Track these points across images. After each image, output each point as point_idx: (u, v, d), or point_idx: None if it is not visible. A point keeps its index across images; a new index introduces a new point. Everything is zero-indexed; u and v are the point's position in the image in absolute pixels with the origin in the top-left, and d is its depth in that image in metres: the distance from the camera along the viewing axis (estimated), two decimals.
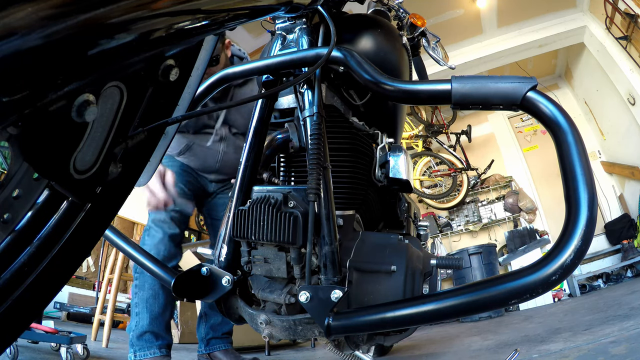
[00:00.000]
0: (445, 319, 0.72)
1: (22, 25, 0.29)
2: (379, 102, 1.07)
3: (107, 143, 0.47)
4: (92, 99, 0.40)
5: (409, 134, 5.52)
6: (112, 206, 0.55)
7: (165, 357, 1.61)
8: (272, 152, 1.01)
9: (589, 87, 5.31)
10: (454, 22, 4.48)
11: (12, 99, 0.32)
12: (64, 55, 0.34)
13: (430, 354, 2.17)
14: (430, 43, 1.27)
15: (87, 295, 4.33)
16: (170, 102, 0.61)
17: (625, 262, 4.31)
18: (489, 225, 5.62)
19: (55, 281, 0.49)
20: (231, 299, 0.95)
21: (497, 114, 6.04)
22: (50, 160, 0.41)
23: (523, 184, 5.69)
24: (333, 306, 0.77)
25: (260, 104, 0.96)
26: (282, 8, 0.76)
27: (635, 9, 3.73)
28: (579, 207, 0.62)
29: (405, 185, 1.01)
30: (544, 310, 3.64)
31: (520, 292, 0.64)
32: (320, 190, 0.80)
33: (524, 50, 4.87)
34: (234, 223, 0.87)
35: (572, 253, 0.61)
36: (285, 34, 0.99)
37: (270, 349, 2.85)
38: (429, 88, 0.78)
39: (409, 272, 0.81)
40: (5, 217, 0.41)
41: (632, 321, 1.79)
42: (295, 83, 0.87)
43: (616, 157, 5.09)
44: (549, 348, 1.67)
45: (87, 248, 0.53)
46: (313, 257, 0.83)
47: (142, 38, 0.42)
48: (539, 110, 0.69)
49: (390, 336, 0.94)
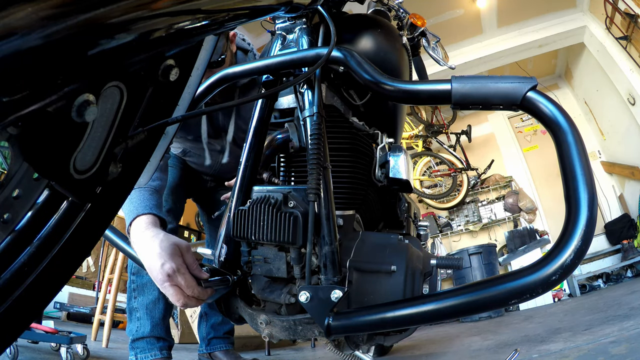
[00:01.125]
0: (445, 319, 0.72)
1: (22, 25, 0.29)
2: (379, 102, 1.07)
3: (107, 143, 0.47)
4: (92, 99, 0.40)
5: (409, 134, 5.52)
6: (112, 206, 0.55)
7: (167, 359, 1.61)
8: (272, 152, 1.01)
9: (589, 87, 5.31)
10: (454, 22, 4.49)
11: (12, 99, 0.32)
12: (64, 55, 0.34)
13: (430, 354, 2.17)
14: (430, 43, 1.27)
15: (87, 295, 4.34)
16: (170, 102, 0.61)
17: (625, 262, 4.31)
18: (489, 225, 5.62)
19: (55, 281, 0.49)
20: (231, 299, 0.95)
21: (497, 114, 6.04)
22: (50, 160, 0.41)
23: (523, 184, 5.69)
24: (333, 306, 0.77)
25: (260, 104, 0.96)
26: (282, 8, 0.76)
27: (635, 9, 3.73)
28: (579, 207, 0.62)
29: (405, 185, 1.01)
30: (544, 310, 3.64)
31: (520, 292, 0.64)
32: (320, 190, 0.80)
33: (524, 50, 4.88)
34: (234, 223, 0.87)
35: (572, 253, 0.61)
36: (285, 34, 0.99)
37: (270, 348, 2.86)
38: (429, 88, 0.78)
39: (409, 272, 0.81)
40: (5, 217, 0.41)
41: (632, 321, 1.79)
42: (295, 83, 0.87)
43: (616, 157, 5.09)
44: (549, 348, 1.67)
45: (87, 248, 0.53)
46: (313, 257, 0.83)
47: (142, 38, 0.42)
48: (539, 110, 0.69)
49: (390, 336, 0.94)
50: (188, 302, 0.82)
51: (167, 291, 0.82)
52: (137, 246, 0.92)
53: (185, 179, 1.77)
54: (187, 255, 0.86)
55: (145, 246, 0.88)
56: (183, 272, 0.82)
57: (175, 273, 0.81)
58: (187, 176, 1.79)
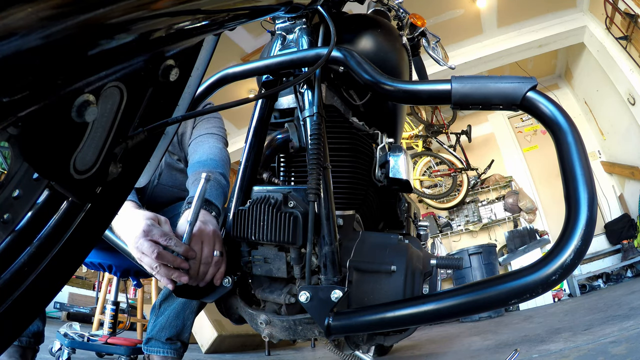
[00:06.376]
0: (445, 319, 0.72)
1: (22, 25, 0.29)
2: (379, 102, 1.07)
3: (107, 143, 0.47)
4: (92, 99, 0.40)
5: (409, 134, 5.52)
6: (112, 206, 0.55)
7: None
8: (272, 152, 1.01)
9: (589, 87, 5.31)
10: (454, 22, 4.48)
11: (12, 99, 0.32)
12: (64, 55, 0.34)
13: (430, 354, 2.17)
14: (430, 43, 1.27)
15: (87, 295, 4.34)
16: (170, 102, 0.61)
17: (625, 262, 4.31)
18: (489, 225, 5.62)
19: (55, 281, 0.49)
20: (231, 299, 0.95)
21: (497, 114, 6.04)
22: (50, 160, 0.41)
23: (523, 184, 5.69)
24: (333, 306, 0.77)
25: (260, 104, 0.96)
26: (282, 8, 0.76)
27: (635, 9, 3.73)
28: (578, 207, 0.63)
29: (405, 185, 1.01)
30: (544, 310, 3.64)
31: (520, 292, 0.64)
32: (320, 190, 0.80)
33: (524, 50, 4.87)
34: (234, 223, 0.87)
35: (572, 253, 0.62)
36: (285, 34, 0.99)
37: (270, 348, 2.86)
38: (429, 88, 0.78)
39: (409, 272, 0.81)
40: (5, 217, 0.41)
41: (632, 321, 1.79)
42: (295, 83, 0.87)
43: (616, 157, 5.09)
44: (549, 348, 1.67)
45: (87, 248, 0.53)
46: (313, 257, 0.83)
47: (142, 38, 0.42)
48: (539, 110, 0.69)
49: (390, 336, 0.94)
50: (164, 255, 0.82)
51: (143, 246, 0.83)
52: (120, 218, 0.92)
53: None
54: (164, 225, 0.91)
55: (128, 217, 0.91)
56: (158, 227, 0.86)
57: (150, 227, 0.85)
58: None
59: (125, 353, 1.97)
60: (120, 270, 1.56)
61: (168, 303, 1.46)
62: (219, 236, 0.91)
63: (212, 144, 1.40)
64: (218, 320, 2.86)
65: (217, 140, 1.43)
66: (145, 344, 1.45)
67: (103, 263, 1.54)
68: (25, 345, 1.39)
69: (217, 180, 1.17)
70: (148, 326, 1.48)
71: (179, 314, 1.44)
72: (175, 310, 1.44)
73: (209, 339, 2.83)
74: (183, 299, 1.43)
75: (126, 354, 1.97)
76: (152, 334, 1.44)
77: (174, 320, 1.44)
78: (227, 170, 1.31)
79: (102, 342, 2.04)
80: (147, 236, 0.84)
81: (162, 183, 1.50)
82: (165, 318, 1.44)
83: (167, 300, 1.46)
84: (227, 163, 1.36)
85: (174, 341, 1.44)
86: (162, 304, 1.47)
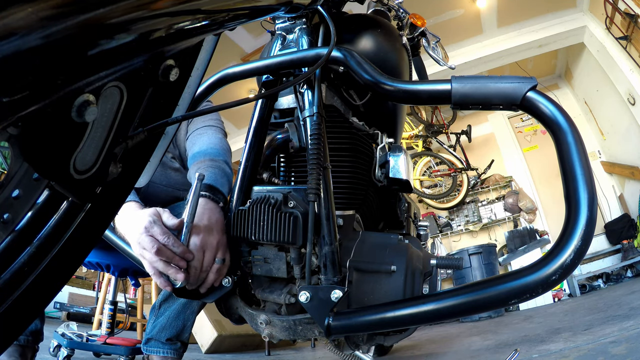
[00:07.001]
0: (445, 319, 0.72)
1: (22, 25, 0.29)
2: (379, 102, 1.07)
3: (107, 143, 0.47)
4: (92, 99, 0.40)
5: (409, 134, 5.52)
6: (112, 206, 0.55)
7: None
8: (272, 152, 1.01)
9: (589, 87, 5.31)
10: (454, 22, 4.48)
11: (12, 99, 0.32)
12: (64, 55, 0.34)
13: (430, 354, 2.17)
14: (430, 43, 1.27)
15: (87, 295, 4.34)
16: (170, 102, 0.61)
17: (625, 262, 4.31)
18: (489, 225, 5.62)
19: (55, 281, 0.49)
20: (231, 299, 0.95)
21: (497, 114, 6.04)
22: (50, 160, 0.41)
23: (523, 184, 5.69)
24: (333, 306, 0.77)
25: (260, 104, 0.96)
26: (282, 8, 0.76)
27: (635, 9, 3.73)
28: (578, 207, 0.63)
29: (405, 185, 1.01)
30: (544, 310, 3.64)
31: (520, 292, 0.64)
32: (320, 190, 0.80)
33: (524, 50, 4.87)
34: (234, 223, 0.87)
35: (572, 253, 0.61)
36: (285, 34, 0.99)
37: (270, 348, 2.86)
38: (429, 88, 0.78)
39: (409, 272, 0.81)
40: (5, 217, 0.41)
41: (632, 321, 1.79)
42: (295, 83, 0.87)
43: (616, 157, 5.09)
44: (549, 348, 1.67)
45: (87, 248, 0.53)
46: (313, 257, 0.83)
47: (142, 38, 0.42)
48: (539, 110, 0.69)
49: (390, 336, 0.94)
50: (163, 250, 0.83)
51: (144, 242, 0.84)
52: (123, 218, 0.95)
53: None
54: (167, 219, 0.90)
55: (131, 214, 0.94)
56: (159, 225, 0.87)
57: (152, 224, 0.86)
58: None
59: (124, 353, 1.97)
60: (118, 270, 1.56)
61: (168, 304, 1.46)
62: (223, 243, 0.90)
63: (211, 134, 1.38)
64: (218, 320, 2.86)
65: (216, 131, 1.41)
66: (145, 344, 1.45)
67: (101, 262, 1.54)
68: (24, 344, 1.38)
69: (221, 169, 1.15)
70: (147, 326, 1.48)
71: (179, 315, 1.44)
72: (176, 310, 1.44)
73: (209, 339, 2.83)
74: (183, 300, 1.43)
75: (125, 354, 1.97)
76: (152, 335, 1.43)
77: (174, 321, 1.43)
78: (229, 159, 1.29)
79: (101, 342, 2.04)
80: (148, 232, 0.85)
81: (155, 182, 1.46)
82: (165, 318, 1.44)
83: (167, 300, 1.46)
84: (229, 152, 1.34)
85: (174, 341, 1.44)
86: (162, 304, 1.46)
